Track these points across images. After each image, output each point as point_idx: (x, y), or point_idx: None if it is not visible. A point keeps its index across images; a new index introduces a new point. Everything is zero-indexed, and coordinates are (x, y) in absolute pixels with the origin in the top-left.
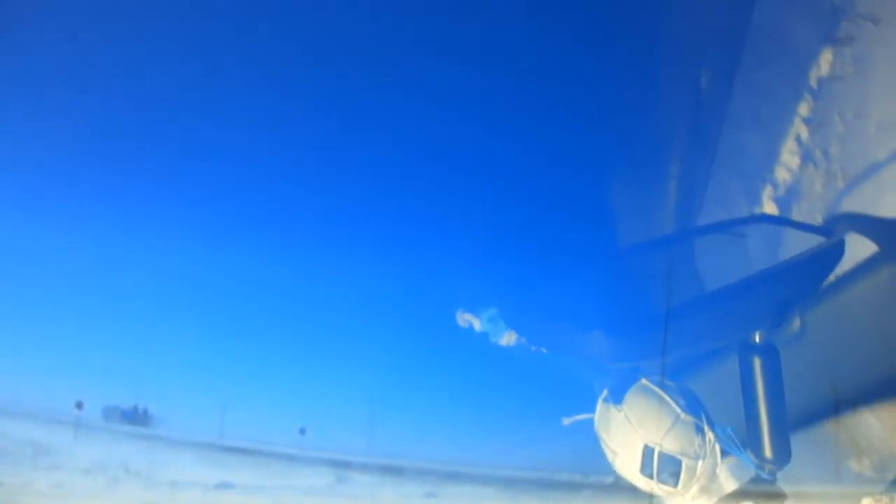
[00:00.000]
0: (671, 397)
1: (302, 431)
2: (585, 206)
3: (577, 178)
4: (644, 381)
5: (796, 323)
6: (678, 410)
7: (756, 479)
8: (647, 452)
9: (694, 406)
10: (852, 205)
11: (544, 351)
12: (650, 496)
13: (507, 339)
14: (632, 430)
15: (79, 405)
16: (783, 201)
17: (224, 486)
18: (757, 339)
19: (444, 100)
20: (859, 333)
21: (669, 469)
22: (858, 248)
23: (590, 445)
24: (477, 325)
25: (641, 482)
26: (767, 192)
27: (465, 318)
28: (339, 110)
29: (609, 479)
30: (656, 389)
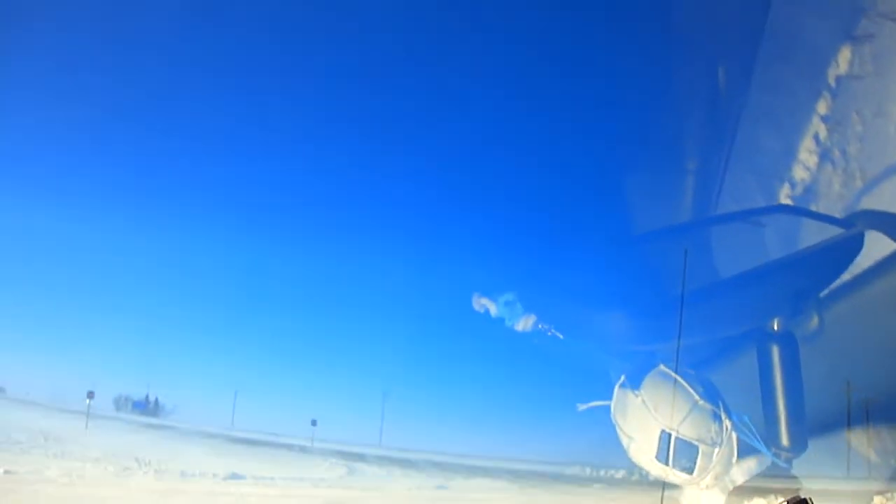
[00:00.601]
0: (689, 384)
1: (313, 423)
2: (604, 195)
3: (595, 168)
4: (662, 366)
5: (814, 320)
6: (696, 397)
7: (772, 468)
8: (664, 438)
9: (711, 394)
10: (871, 205)
11: (560, 336)
12: (661, 489)
13: (524, 323)
14: (649, 415)
15: (90, 395)
16: (800, 200)
17: (234, 476)
18: (775, 327)
19: (468, 91)
20: (876, 330)
21: (685, 456)
22: (876, 247)
23: (600, 440)
24: (493, 310)
25: (656, 468)
26: (784, 190)
27: (481, 303)
28: (360, 101)
29: (619, 474)
30: (674, 375)
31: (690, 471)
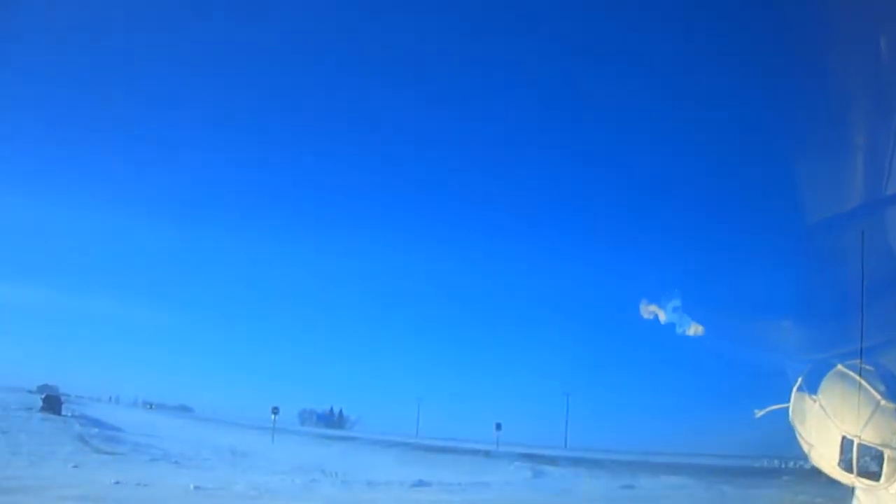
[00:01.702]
0: (870, 383)
1: (498, 427)
2: (769, 187)
3: (758, 159)
4: (840, 367)
5: None
6: (878, 397)
7: None
8: (846, 444)
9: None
10: None
11: (733, 343)
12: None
13: (694, 329)
14: (828, 421)
15: (275, 410)
16: None
17: (421, 484)
18: None
19: (627, 99)
20: None
21: (870, 461)
22: None
23: (787, 430)
24: (662, 317)
25: (840, 475)
26: None
27: (649, 310)
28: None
29: (809, 464)
30: (854, 375)
31: (877, 478)
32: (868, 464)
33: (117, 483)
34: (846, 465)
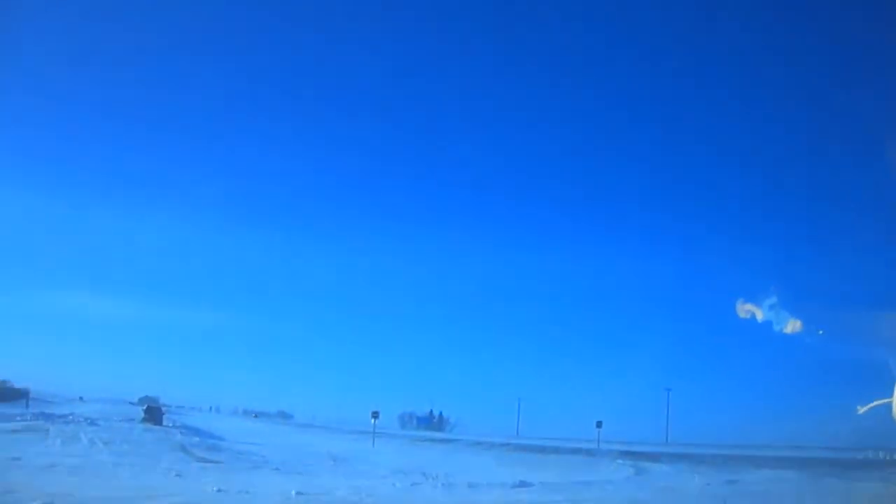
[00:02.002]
0: None
1: (598, 425)
2: (865, 178)
3: (855, 150)
4: None
5: None
6: None
7: None
8: None
9: None
10: None
11: (833, 338)
12: None
13: (792, 326)
14: None
15: (375, 415)
16: None
17: (522, 484)
18: None
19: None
20: None
21: None
22: None
23: (893, 422)
24: (759, 315)
25: None
26: None
27: (745, 309)
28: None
29: None
30: None
31: None
32: None
33: (219, 491)
34: None
